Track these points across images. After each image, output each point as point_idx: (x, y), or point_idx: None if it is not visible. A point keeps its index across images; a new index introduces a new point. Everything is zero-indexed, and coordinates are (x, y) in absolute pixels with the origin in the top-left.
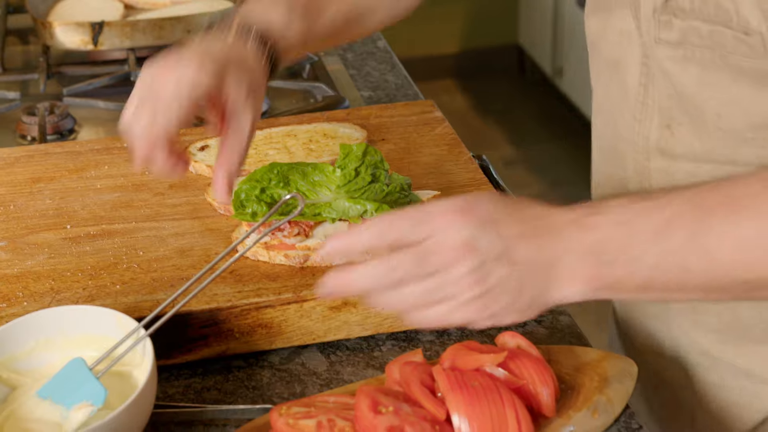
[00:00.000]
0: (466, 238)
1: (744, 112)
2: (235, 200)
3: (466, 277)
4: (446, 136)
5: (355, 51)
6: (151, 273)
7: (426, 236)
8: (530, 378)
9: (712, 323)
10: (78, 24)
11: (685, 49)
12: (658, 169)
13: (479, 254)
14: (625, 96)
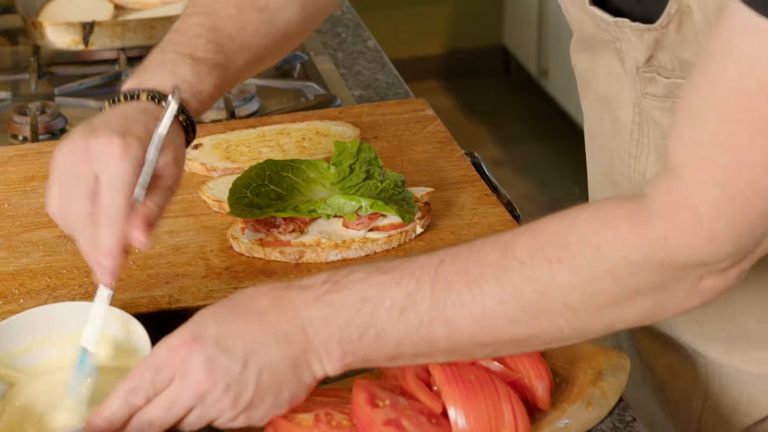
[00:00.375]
0: (203, 366)
1: None
2: (230, 197)
3: (222, 399)
4: (438, 133)
5: (346, 50)
6: (147, 270)
7: (170, 379)
8: (525, 371)
9: (719, 335)
10: (69, 24)
11: (673, 101)
12: None
13: (223, 376)
14: (618, 132)
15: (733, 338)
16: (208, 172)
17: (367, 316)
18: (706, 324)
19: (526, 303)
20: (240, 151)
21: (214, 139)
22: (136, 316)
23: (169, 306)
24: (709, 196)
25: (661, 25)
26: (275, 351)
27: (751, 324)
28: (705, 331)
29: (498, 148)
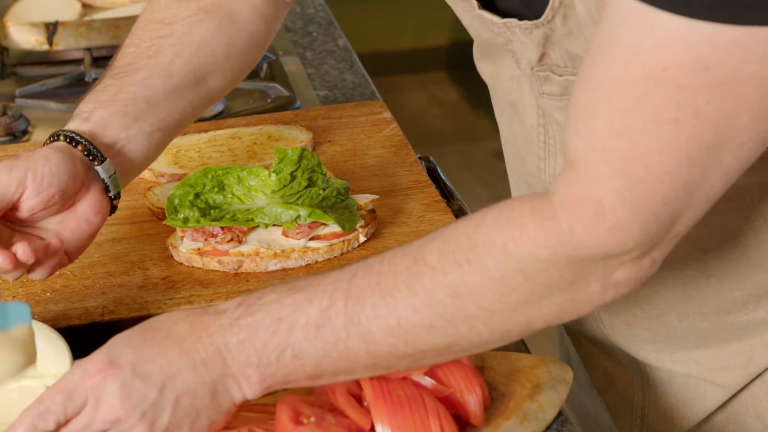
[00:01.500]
0: (118, 392)
1: None
2: (169, 205)
3: (136, 427)
4: (393, 137)
5: (315, 50)
6: (84, 280)
7: (82, 405)
8: (458, 386)
9: (647, 336)
10: (32, 24)
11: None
12: None
13: (139, 402)
14: (526, 136)
15: (660, 338)
16: (155, 178)
17: (284, 337)
18: (634, 324)
19: (440, 308)
20: (189, 156)
21: None
22: (68, 328)
23: (102, 318)
24: (610, 187)
25: (546, 19)
26: (193, 377)
27: (674, 321)
28: (634, 332)
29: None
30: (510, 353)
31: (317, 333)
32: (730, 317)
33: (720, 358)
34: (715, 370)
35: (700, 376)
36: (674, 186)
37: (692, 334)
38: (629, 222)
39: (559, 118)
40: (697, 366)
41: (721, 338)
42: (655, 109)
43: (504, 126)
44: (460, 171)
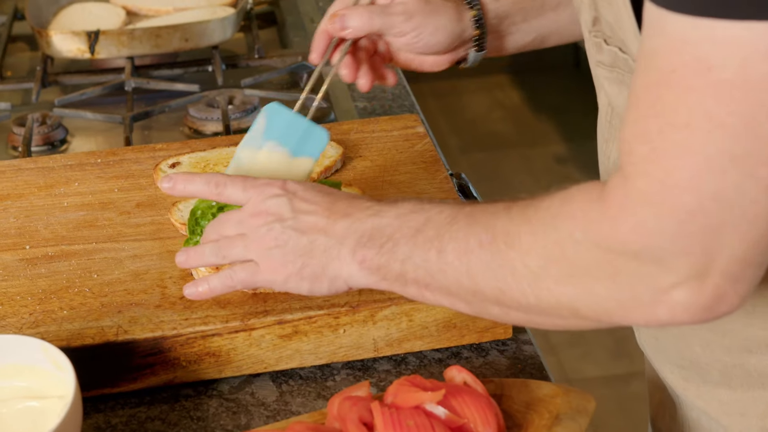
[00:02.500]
0: (269, 203)
1: None
2: (191, 218)
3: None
4: (425, 153)
5: None
6: (101, 298)
7: (247, 198)
8: (471, 417)
9: (675, 358)
10: (74, 33)
11: (617, 73)
12: None
13: (276, 216)
14: (601, 117)
15: (686, 363)
16: None
17: (392, 230)
18: (661, 340)
19: (495, 250)
20: (218, 170)
21: (193, 157)
22: (83, 348)
23: (116, 338)
24: (634, 187)
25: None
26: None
27: (697, 348)
28: (661, 348)
29: (564, 144)
30: (530, 381)
31: (413, 236)
32: (752, 358)
33: (741, 402)
34: (734, 414)
35: (717, 419)
36: (698, 195)
37: (715, 367)
38: (653, 226)
39: (609, 91)
40: (718, 405)
41: (744, 381)
42: (669, 113)
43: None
44: (520, 175)
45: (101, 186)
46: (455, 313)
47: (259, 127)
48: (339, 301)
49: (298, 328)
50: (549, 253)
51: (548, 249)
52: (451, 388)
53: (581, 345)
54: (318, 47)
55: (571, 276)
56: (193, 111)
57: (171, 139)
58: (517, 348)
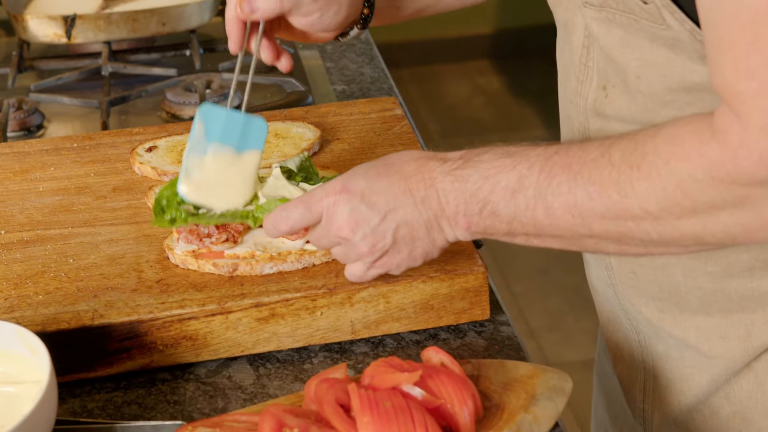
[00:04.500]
0: (347, 214)
1: (661, 75)
2: (156, 206)
3: (360, 245)
4: (403, 135)
5: (335, 43)
6: (77, 282)
7: (318, 218)
8: (448, 397)
9: (652, 290)
10: (50, 17)
11: (607, 12)
12: (596, 130)
13: (363, 224)
14: (572, 58)
15: (664, 294)
16: (158, 177)
17: (486, 193)
18: (639, 274)
19: (609, 202)
20: None
21: (170, 141)
22: (58, 333)
23: (92, 322)
24: (751, 122)
25: None
26: (413, 211)
27: (678, 276)
28: (640, 284)
29: (545, 129)
30: (507, 362)
31: (512, 197)
32: (734, 282)
33: (720, 327)
34: (714, 338)
35: (697, 346)
36: None
37: (695, 294)
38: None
39: (597, 31)
40: (696, 332)
41: (723, 306)
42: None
43: (558, 52)
44: None
45: (77, 170)
46: (432, 294)
47: (199, 131)
48: (316, 283)
49: (275, 311)
50: (668, 195)
51: (667, 192)
52: (428, 369)
53: (561, 329)
54: (234, 36)
55: (693, 211)
56: (170, 95)
57: (148, 124)
58: (494, 329)
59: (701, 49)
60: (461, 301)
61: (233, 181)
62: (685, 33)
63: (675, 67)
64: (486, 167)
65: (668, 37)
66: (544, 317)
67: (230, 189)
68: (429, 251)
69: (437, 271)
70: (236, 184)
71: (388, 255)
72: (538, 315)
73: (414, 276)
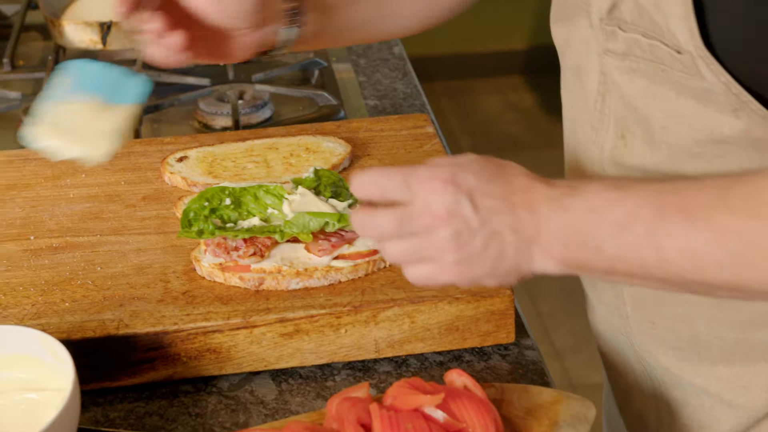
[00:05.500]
0: (448, 206)
1: (688, 127)
2: (183, 218)
3: (447, 241)
4: (434, 153)
5: (369, 57)
6: (104, 291)
7: (410, 199)
8: (470, 421)
9: (671, 340)
10: (87, 23)
11: (631, 61)
12: None
13: (460, 222)
14: (585, 104)
15: (684, 343)
16: (188, 187)
17: (590, 226)
18: (658, 324)
19: (729, 251)
20: (224, 165)
21: (201, 151)
22: (83, 341)
23: (117, 331)
24: None
25: None
26: (509, 229)
27: (701, 326)
28: (658, 333)
29: None
30: (531, 387)
31: (618, 233)
32: (758, 333)
33: (742, 376)
34: (736, 388)
35: (719, 394)
36: None
37: (717, 344)
38: None
39: (618, 80)
40: (717, 382)
41: (746, 356)
42: None
43: (566, 96)
44: None
45: (108, 178)
46: (458, 315)
47: (64, 81)
48: (341, 301)
49: (299, 326)
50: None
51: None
52: (450, 391)
53: (586, 351)
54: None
55: None
56: (203, 105)
57: (180, 133)
58: (519, 353)
59: (735, 102)
60: (486, 323)
61: (94, 129)
62: (720, 85)
63: (703, 119)
64: (593, 198)
65: (698, 89)
66: (570, 338)
67: (89, 137)
68: (509, 274)
69: (463, 293)
70: (97, 133)
71: (469, 263)
72: (564, 336)
73: (439, 296)
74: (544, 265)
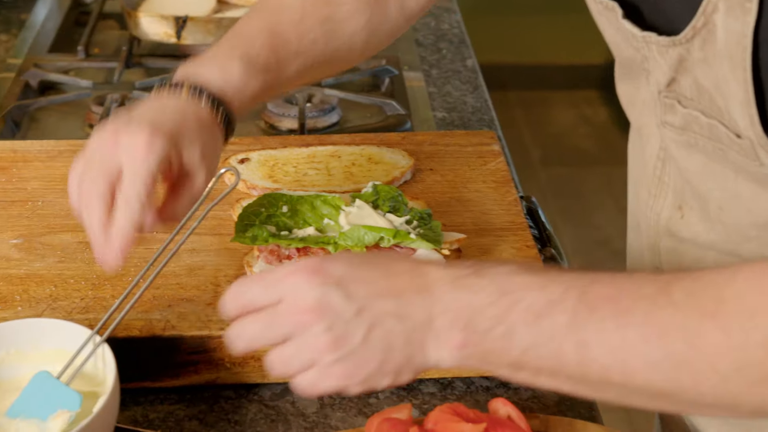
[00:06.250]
0: (316, 297)
1: (746, 210)
2: (239, 223)
3: (321, 338)
4: (498, 172)
5: (441, 68)
6: (154, 290)
7: (277, 299)
8: None
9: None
10: (162, 17)
11: (689, 136)
12: (668, 249)
13: (331, 314)
14: (644, 167)
15: (737, 421)
16: (248, 190)
17: (501, 311)
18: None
19: (671, 350)
20: (285, 170)
21: (263, 154)
22: (128, 339)
23: (163, 332)
24: None
25: (685, 38)
26: (394, 314)
27: None
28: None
29: None
30: (577, 421)
31: (535, 321)
32: None
33: None
34: None
35: None
36: None
37: None
38: None
39: (675, 153)
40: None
41: None
42: None
43: (630, 154)
44: (600, 195)
45: None
46: None
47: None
48: None
49: None
50: (748, 356)
51: (748, 351)
52: (493, 420)
53: None
54: None
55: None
56: (270, 105)
57: (247, 132)
58: None
59: None
60: None
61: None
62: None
63: (762, 202)
64: (505, 281)
65: (758, 173)
66: None
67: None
68: (401, 369)
69: None
70: None
71: (353, 361)
72: None
73: None
74: (439, 356)
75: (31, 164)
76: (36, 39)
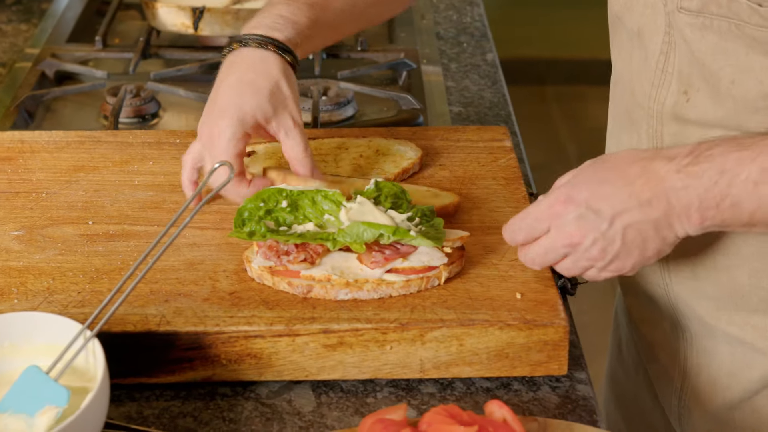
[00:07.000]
0: (575, 222)
1: (757, 81)
2: (237, 217)
3: (591, 251)
4: (508, 168)
5: (461, 62)
6: (152, 284)
7: (546, 229)
8: None
9: (710, 291)
10: (180, 7)
11: (704, 18)
12: (671, 134)
13: (592, 231)
14: (645, 64)
15: (724, 294)
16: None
17: (724, 187)
18: (701, 276)
19: None
20: None
21: (270, 147)
22: (123, 334)
23: (158, 328)
24: None
25: None
26: (639, 213)
27: (743, 277)
28: (698, 284)
29: None
30: (576, 425)
31: (755, 188)
32: None
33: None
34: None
35: (753, 342)
36: None
37: (757, 294)
38: None
39: (689, 35)
40: (752, 330)
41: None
42: None
43: (619, 63)
44: None
45: (174, 167)
46: (508, 342)
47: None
48: (389, 316)
49: (343, 339)
50: None
51: None
52: (487, 423)
53: None
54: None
55: None
56: None
57: None
58: (570, 386)
59: None
60: (538, 353)
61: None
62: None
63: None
64: (721, 161)
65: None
66: None
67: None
68: (661, 249)
69: (516, 319)
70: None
71: (620, 259)
72: None
73: (491, 321)
74: (686, 231)
75: (38, 155)
76: (55, 28)
